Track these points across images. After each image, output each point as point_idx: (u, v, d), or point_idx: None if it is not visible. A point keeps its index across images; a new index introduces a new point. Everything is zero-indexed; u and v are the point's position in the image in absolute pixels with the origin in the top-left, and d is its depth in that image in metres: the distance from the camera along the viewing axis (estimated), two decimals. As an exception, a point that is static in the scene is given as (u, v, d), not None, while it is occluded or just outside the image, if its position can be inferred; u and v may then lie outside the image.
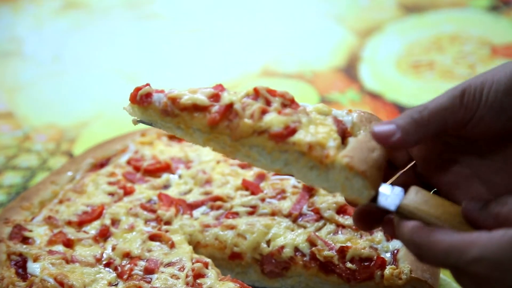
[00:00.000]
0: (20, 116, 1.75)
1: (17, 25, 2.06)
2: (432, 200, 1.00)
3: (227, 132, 1.06)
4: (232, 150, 1.07)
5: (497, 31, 1.91)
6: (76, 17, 2.07)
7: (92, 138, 1.66)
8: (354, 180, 1.01)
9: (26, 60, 1.93)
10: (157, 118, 1.12)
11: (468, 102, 1.03)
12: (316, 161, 1.03)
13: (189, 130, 1.09)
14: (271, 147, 1.04)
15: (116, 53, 1.95)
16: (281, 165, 1.05)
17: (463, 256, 0.93)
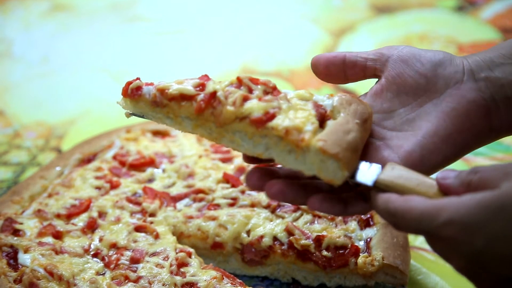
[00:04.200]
0: (10, 114, 1.74)
1: (6, 26, 2.04)
2: (408, 174, 1.01)
3: (212, 119, 1.07)
4: (218, 136, 1.08)
5: (463, 30, 1.92)
6: (64, 19, 2.06)
7: (79, 134, 1.66)
8: (328, 162, 1.02)
9: (16, 61, 1.92)
10: (147, 110, 1.12)
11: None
12: (293, 145, 1.03)
13: (178, 118, 1.10)
14: (252, 132, 1.05)
15: (102, 54, 1.95)
16: (262, 149, 1.06)
17: (435, 221, 0.93)
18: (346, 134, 1.03)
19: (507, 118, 1.07)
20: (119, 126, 1.60)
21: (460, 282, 1.32)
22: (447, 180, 0.98)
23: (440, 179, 0.99)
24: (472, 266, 0.94)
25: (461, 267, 0.95)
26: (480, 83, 1.06)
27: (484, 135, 1.08)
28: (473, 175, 0.95)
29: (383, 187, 1.01)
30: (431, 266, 1.35)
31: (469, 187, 0.95)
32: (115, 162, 1.49)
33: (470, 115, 1.06)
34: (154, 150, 1.51)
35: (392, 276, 1.29)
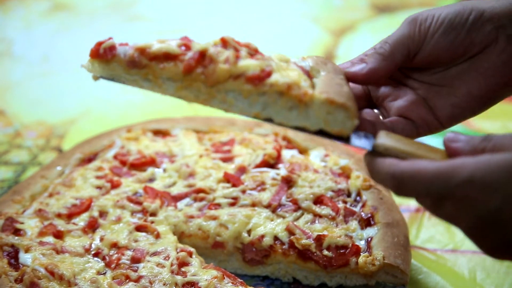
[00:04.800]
0: (11, 114, 1.74)
1: (7, 26, 2.04)
2: (404, 140, 0.99)
3: (201, 78, 1.02)
4: (207, 97, 1.04)
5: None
6: (64, 19, 2.06)
7: (80, 134, 1.66)
8: (336, 113, 1.01)
9: (16, 60, 1.92)
10: (120, 72, 1.07)
11: (421, 25, 1.08)
12: (296, 100, 1.01)
13: (158, 80, 1.05)
14: (248, 90, 1.02)
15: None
16: (259, 108, 1.03)
17: (452, 180, 0.90)
18: (340, 87, 1.03)
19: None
20: (119, 126, 1.60)
21: (461, 282, 1.32)
22: (457, 143, 0.97)
23: (449, 142, 0.97)
24: (482, 226, 0.92)
25: (469, 228, 0.93)
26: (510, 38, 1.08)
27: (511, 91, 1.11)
28: (487, 142, 0.94)
29: (382, 151, 0.98)
30: (432, 265, 1.35)
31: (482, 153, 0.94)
32: (116, 162, 1.48)
33: (503, 74, 1.08)
34: (154, 150, 1.51)
35: (392, 275, 1.28)
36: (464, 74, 1.09)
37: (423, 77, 1.12)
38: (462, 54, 1.09)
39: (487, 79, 1.08)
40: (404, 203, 1.46)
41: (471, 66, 1.09)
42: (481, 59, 1.09)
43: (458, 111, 1.10)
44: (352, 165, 1.44)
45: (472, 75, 1.09)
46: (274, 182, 1.41)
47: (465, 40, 1.09)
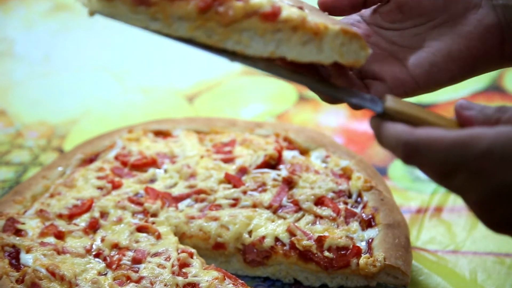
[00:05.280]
0: (12, 113, 1.74)
1: (8, 26, 2.04)
2: (412, 105, 0.96)
3: (216, 18, 0.97)
4: (221, 37, 0.99)
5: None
6: (65, 18, 2.06)
7: (81, 134, 1.66)
8: (350, 43, 1.00)
9: (18, 60, 1.92)
10: (124, 10, 0.98)
11: None
12: (311, 33, 1.00)
13: (168, 20, 0.98)
14: (263, 28, 0.99)
15: (104, 53, 1.95)
16: (273, 47, 1.00)
17: (470, 150, 0.86)
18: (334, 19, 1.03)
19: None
20: (121, 126, 1.60)
21: (462, 283, 1.32)
22: (470, 111, 0.94)
23: (461, 109, 0.94)
24: (493, 199, 0.88)
25: (478, 202, 0.90)
26: (497, 9, 1.06)
27: (495, 62, 1.08)
28: (502, 113, 0.92)
29: (392, 115, 0.94)
30: (433, 266, 1.35)
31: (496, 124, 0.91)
32: (117, 163, 1.48)
33: (485, 41, 1.06)
34: (156, 150, 1.51)
35: (393, 276, 1.28)
36: (444, 35, 1.06)
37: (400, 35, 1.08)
38: (442, 9, 1.07)
39: (468, 42, 1.05)
40: (405, 204, 1.46)
41: (452, 29, 1.06)
42: (463, 23, 1.06)
43: (435, 70, 1.05)
44: (353, 166, 1.44)
45: (452, 37, 1.06)
46: (275, 183, 1.41)
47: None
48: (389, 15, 1.09)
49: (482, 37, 1.05)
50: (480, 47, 1.05)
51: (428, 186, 1.49)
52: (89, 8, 1.00)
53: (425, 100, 1.69)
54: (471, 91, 1.70)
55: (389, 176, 1.53)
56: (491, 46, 1.06)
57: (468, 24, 1.05)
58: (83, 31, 2.02)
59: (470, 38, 1.05)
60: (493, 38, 1.06)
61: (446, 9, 1.06)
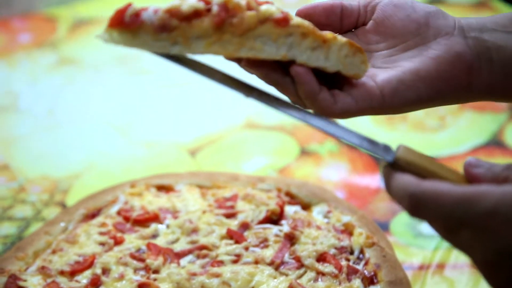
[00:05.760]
0: (15, 168, 1.75)
1: (13, 80, 2.06)
2: (424, 156, 0.96)
3: (231, 29, 1.00)
4: (236, 47, 1.02)
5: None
6: (70, 72, 2.08)
7: (84, 188, 1.66)
8: (353, 56, 1.04)
9: (22, 114, 1.93)
10: (147, 39, 1.00)
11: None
12: (320, 40, 1.03)
13: (188, 41, 1.00)
14: (277, 33, 1.02)
15: (107, 107, 1.96)
16: (285, 50, 1.03)
17: (475, 208, 0.85)
18: None
19: (486, 80, 1.09)
20: (123, 181, 1.61)
21: None
22: (479, 169, 0.94)
23: (470, 167, 0.94)
24: (499, 260, 0.87)
25: (484, 261, 0.89)
26: (468, 40, 1.09)
27: (462, 91, 1.09)
28: (511, 171, 0.91)
29: (402, 165, 0.94)
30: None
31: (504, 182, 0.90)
32: (119, 218, 1.49)
33: (454, 66, 1.07)
34: (158, 205, 1.51)
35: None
36: (415, 57, 1.08)
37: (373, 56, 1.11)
38: (415, 32, 1.09)
39: (437, 65, 1.07)
40: (407, 260, 1.45)
41: (423, 52, 1.08)
42: (433, 47, 1.08)
43: (403, 88, 1.06)
44: (355, 222, 1.44)
45: (422, 58, 1.08)
46: (277, 238, 1.41)
47: (421, 19, 1.10)
48: (365, 36, 1.13)
49: (451, 62, 1.08)
50: (448, 70, 1.07)
51: (430, 242, 1.49)
52: (111, 42, 1.01)
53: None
54: (471, 146, 1.71)
55: (391, 232, 1.53)
56: (460, 72, 1.08)
57: (438, 49, 1.08)
58: (87, 84, 2.04)
59: (439, 62, 1.07)
60: (462, 65, 1.08)
61: (419, 33, 1.09)
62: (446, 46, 1.08)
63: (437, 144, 1.72)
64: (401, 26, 1.10)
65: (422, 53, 1.08)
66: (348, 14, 1.13)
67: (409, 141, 1.69)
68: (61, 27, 2.27)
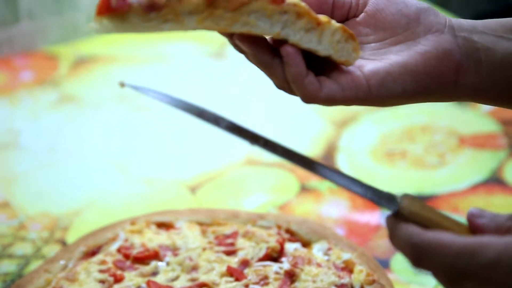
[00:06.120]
0: (16, 205, 1.75)
1: (14, 117, 2.07)
2: (428, 206, 0.96)
3: (224, 4, 0.99)
4: (229, 22, 1.00)
5: (464, 122, 1.94)
6: (71, 110, 2.09)
7: (84, 226, 1.66)
8: (345, 42, 1.03)
9: (23, 151, 1.93)
10: (138, 21, 0.97)
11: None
12: (315, 22, 1.02)
13: (179, 18, 0.98)
14: (271, 9, 1.01)
15: (107, 144, 1.97)
16: (279, 28, 1.02)
17: (478, 259, 0.85)
18: None
19: (472, 81, 1.10)
20: (124, 218, 1.61)
21: None
22: (482, 219, 0.93)
23: (473, 217, 0.94)
24: None
25: None
26: (458, 39, 1.10)
27: (448, 88, 1.10)
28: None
29: (406, 215, 0.94)
30: None
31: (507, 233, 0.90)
32: (119, 255, 1.48)
33: (441, 62, 1.08)
34: (158, 243, 1.51)
35: None
36: (404, 51, 1.09)
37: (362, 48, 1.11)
38: (405, 27, 1.10)
39: (425, 60, 1.07)
40: (407, 298, 1.45)
41: (412, 47, 1.09)
42: (422, 42, 1.09)
43: (390, 79, 1.06)
44: (355, 259, 1.44)
45: (410, 53, 1.08)
46: (277, 276, 1.41)
47: (412, 14, 1.10)
48: (355, 28, 1.13)
49: (439, 58, 1.08)
50: (436, 66, 1.08)
51: (431, 279, 1.48)
52: (102, 31, 0.99)
53: (426, 192, 1.71)
54: (471, 183, 1.71)
55: (391, 269, 1.52)
56: (447, 68, 1.08)
57: (427, 44, 1.09)
58: (87, 122, 2.05)
59: (427, 57, 1.08)
60: (450, 62, 1.09)
61: (409, 27, 1.10)
62: (435, 42, 1.09)
63: (437, 181, 1.73)
64: (392, 20, 1.10)
65: (411, 47, 1.08)
66: (340, 5, 1.13)
67: (409, 178, 1.70)
68: (62, 65, 2.29)
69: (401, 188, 1.70)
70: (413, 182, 1.73)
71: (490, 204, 1.61)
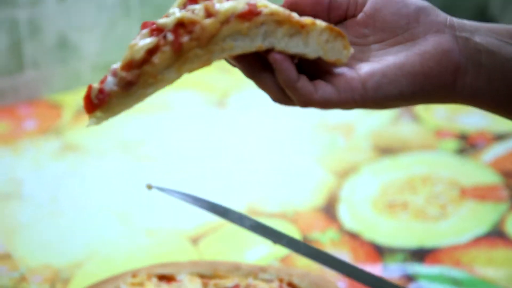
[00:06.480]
0: (17, 257, 1.74)
1: (17, 167, 2.07)
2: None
3: (194, 44, 0.97)
4: (207, 56, 0.98)
5: (465, 173, 1.94)
6: (74, 159, 2.10)
7: (86, 278, 1.65)
8: (334, 41, 1.02)
9: (25, 201, 1.93)
10: (123, 100, 0.99)
11: None
12: (297, 26, 0.99)
13: (159, 77, 0.98)
14: (246, 27, 0.98)
15: (109, 194, 1.97)
16: (260, 40, 0.99)
17: None
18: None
19: (471, 83, 1.07)
20: (125, 270, 1.60)
21: None
22: None
23: None
24: None
25: None
26: (459, 40, 1.07)
27: (446, 90, 1.07)
28: None
29: None
30: None
31: None
32: (120, 309, 1.48)
33: (440, 63, 1.06)
34: (159, 296, 1.50)
35: None
36: (402, 52, 1.07)
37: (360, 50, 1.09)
38: (405, 27, 1.08)
39: (423, 60, 1.05)
40: None
41: (410, 48, 1.07)
42: (421, 43, 1.07)
43: (386, 81, 1.05)
44: (357, 313, 1.43)
45: (408, 54, 1.06)
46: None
47: (411, 15, 1.08)
48: (354, 29, 1.11)
49: (438, 58, 1.06)
50: (433, 67, 1.06)
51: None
52: (101, 121, 1.00)
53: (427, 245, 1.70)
54: (472, 236, 1.71)
55: (393, 323, 1.51)
56: (445, 70, 1.06)
57: (426, 45, 1.06)
58: (90, 171, 2.05)
59: (425, 57, 1.06)
60: (448, 63, 1.06)
61: (408, 28, 1.08)
62: (434, 42, 1.06)
63: (439, 234, 1.72)
64: (391, 21, 1.08)
65: (409, 48, 1.06)
66: (337, 6, 1.10)
67: (411, 231, 1.70)
68: (66, 113, 2.30)
69: (403, 241, 1.70)
70: (415, 234, 1.72)
71: (492, 258, 1.60)
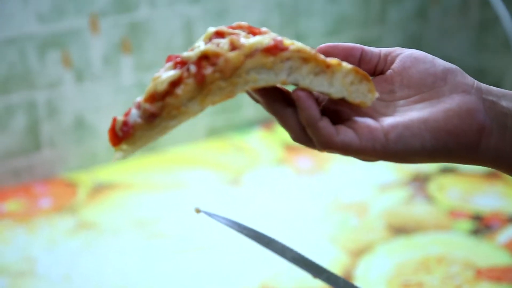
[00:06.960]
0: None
1: (31, 245, 2.08)
2: None
3: (217, 76, 0.96)
4: (230, 88, 0.97)
5: (480, 254, 1.93)
6: (88, 237, 2.10)
7: None
8: (359, 84, 1.01)
9: (39, 280, 1.93)
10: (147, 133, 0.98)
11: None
12: (323, 65, 0.99)
13: (182, 109, 0.97)
14: (271, 61, 0.97)
15: (123, 272, 1.97)
16: (285, 75, 0.98)
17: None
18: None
19: (495, 145, 1.06)
20: None
21: None
22: None
23: None
24: None
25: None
26: (485, 102, 1.06)
27: (469, 149, 1.06)
28: None
29: None
30: None
31: None
32: None
33: (464, 122, 1.05)
34: None
35: None
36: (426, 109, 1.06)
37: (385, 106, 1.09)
38: (431, 86, 1.08)
39: (447, 117, 1.05)
40: None
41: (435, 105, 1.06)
42: (446, 101, 1.06)
43: (408, 134, 1.03)
44: None
45: (432, 110, 1.06)
46: None
47: (439, 74, 1.08)
48: (382, 85, 1.11)
49: (462, 117, 1.05)
50: (458, 124, 1.05)
51: None
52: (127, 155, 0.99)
53: None
54: None
55: None
56: (470, 128, 1.05)
57: (451, 103, 1.06)
58: (104, 249, 2.06)
59: (449, 115, 1.05)
60: (473, 122, 1.05)
61: (434, 87, 1.08)
62: (460, 101, 1.06)
63: (455, 315, 1.70)
64: (418, 78, 1.09)
65: (434, 105, 1.06)
66: (367, 60, 1.11)
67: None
68: (81, 191, 2.32)
69: (418, 322, 1.68)
70: (431, 315, 1.70)
71: None
